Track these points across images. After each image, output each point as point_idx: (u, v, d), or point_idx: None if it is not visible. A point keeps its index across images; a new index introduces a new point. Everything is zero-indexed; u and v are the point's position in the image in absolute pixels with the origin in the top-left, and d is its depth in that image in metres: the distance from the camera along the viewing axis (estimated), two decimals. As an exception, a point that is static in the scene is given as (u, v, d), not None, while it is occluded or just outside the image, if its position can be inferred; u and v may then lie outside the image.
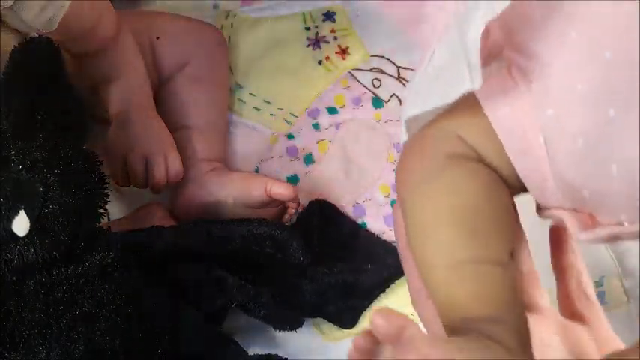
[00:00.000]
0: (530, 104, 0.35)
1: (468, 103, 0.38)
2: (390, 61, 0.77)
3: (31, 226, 0.47)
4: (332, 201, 0.66)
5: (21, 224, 0.46)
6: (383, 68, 0.76)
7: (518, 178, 0.37)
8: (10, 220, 0.46)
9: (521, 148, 0.36)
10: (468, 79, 0.38)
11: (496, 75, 0.38)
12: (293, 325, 0.59)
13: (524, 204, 0.40)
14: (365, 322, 0.62)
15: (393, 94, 0.75)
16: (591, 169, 0.34)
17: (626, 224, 0.34)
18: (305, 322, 0.60)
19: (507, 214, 0.37)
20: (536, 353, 0.35)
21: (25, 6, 0.51)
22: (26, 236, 0.47)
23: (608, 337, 0.39)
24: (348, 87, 0.75)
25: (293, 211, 0.65)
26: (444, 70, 0.40)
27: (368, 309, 0.62)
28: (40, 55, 0.53)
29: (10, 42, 0.56)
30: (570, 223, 0.36)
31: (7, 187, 0.47)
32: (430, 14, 0.77)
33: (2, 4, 0.50)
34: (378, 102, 0.74)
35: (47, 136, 0.50)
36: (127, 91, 0.63)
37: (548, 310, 0.39)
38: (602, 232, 0.35)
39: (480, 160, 0.38)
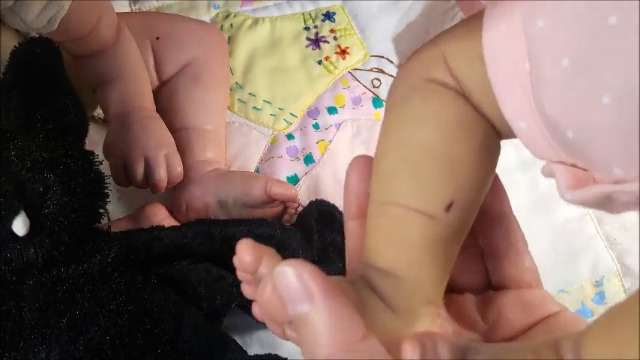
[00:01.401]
0: (523, 17, 0.28)
1: (475, 19, 0.31)
2: (390, 61, 0.77)
3: (30, 226, 0.47)
4: (332, 201, 0.66)
5: (21, 224, 0.46)
6: (383, 68, 0.76)
7: (503, 118, 0.30)
8: (10, 220, 0.46)
9: (507, 78, 0.29)
10: None
11: None
12: (293, 325, 0.59)
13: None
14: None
15: (393, 94, 0.75)
16: (576, 100, 0.25)
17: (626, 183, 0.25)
18: (305, 322, 0.60)
19: (469, 160, 0.30)
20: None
21: (25, 6, 0.51)
22: (26, 236, 0.47)
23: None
24: (348, 87, 0.75)
25: (293, 211, 0.65)
26: None
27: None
28: (40, 56, 0.53)
29: (10, 42, 0.56)
30: (561, 178, 0.28)
31: (7, 187, 0.46)
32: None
33: (2, 4, 0.50)
34: (378, 102, 0.74)
35: (47, 136, 0.50)
36: (127, 91, 0.63)
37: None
38: (591, 190, 0.27)
39: (460, 90, 0.31)
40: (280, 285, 0.27)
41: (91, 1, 0.57)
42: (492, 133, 0.31)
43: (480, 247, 0.34)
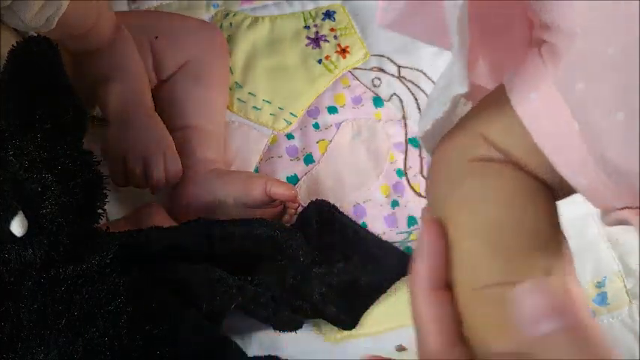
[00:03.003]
0: (559, 84, 0.29)
1: (494, 97, 0.32)
2: (391, 60, 0.76)
3: (28, 227, 0.46)
4: (332, 201, 0.65)
5: (19, 224, 0.46)
6: (383, 67, 0.76)
7: (559, 178, 0.30)
8: (8, 221, 0.46)
9: (556, 140, 0.30)
10: None
11: (526, 59, 0.31)
12: (293, 326, 0.59)
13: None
14: (365, 323, 0.62)
15: (394, 94, 0.74)
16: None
17: None
18: (305, 323, 0.60)
19: (545, 225, 0.31)
20: None
21: (24, 5, 0.50)
22: (24, 237, 0.46)
23: None
24: (349, 86, 0.75)
25: (293, 211, 0.65)
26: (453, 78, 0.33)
27: (368, 310, 0.62)
28: (39, 55, 0.53)
29: (9, 41, 0.55)
30: (638, 224, 0.28)
31: (5, 187, 0.46)
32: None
33: (1, 3, 0.49)
34: (378, 101, 0.74)
35: (45, 136, 0.50)
36: (126, 90, 0.63)
37: None
38: None
39: (510, 162, 0.31)
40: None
41: (89, 0, 0.57)
42: (550, 192, 0.32)
43: None
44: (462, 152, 0.33)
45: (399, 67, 0.76)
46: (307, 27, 0.77)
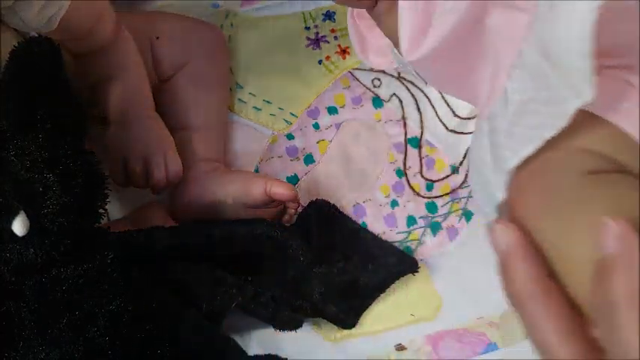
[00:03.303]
0: None
1: (577, 120, 0.31)
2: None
3: (30, 227, 0.46)
4: (332, 201, 0.66)
5: (20, 224, 0.46)
6: (383, 68, 0.76)
7: None
8: (9, 221, 0.46)
9: None
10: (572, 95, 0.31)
11: (600, 86, 0.31)
12: (293, 325, 0.59)
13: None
14: (365, 322, 0.62)
15: (394, 94, 0.75)
16: None
17: None
18: (305, 323, 0.60)
19: None
20: None
21: (25, 5, 0.50)
22: (25, 236, 0.47)
23: None
24: (349, 87, 0.75)
25: (293, 211, 0.65)
26: (533, 102, 0.33)
27: (368, 309, 0.62)
28: (40, 55, 0.53)
29: (10, 42, 0.55)
30: None
31: (6, 187, 0.46)
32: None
33: (2, 3, 0.49)
34: (378, 102, 0.74)
35: (46, 136, 0.50)
36: (127, 90, 0.63)
37: None
38: None
39: (625, 171, 0.31)
40: None
41: (90, 1, 0.57)
42: None
43: None
44: (568, 169, 0.31)
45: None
46: (307, 27, 0.78)
